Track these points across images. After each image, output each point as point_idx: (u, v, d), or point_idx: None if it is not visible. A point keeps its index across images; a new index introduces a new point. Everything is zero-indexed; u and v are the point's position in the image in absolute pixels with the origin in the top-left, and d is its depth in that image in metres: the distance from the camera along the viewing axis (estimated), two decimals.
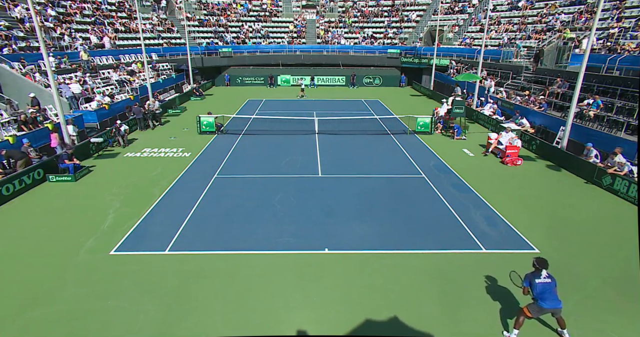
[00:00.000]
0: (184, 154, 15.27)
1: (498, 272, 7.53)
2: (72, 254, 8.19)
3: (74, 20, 25.98)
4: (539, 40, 23.96)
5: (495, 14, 31.61)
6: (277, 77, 35.66)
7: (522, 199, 11.07)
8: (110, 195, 11.28)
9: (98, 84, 21.29)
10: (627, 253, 8.27)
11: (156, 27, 33.42)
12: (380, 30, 39.60)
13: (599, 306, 6.63)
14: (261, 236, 8.93)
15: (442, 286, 7.15)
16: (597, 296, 6.90)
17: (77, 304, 6.64)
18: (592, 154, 12.67)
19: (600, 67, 16.74)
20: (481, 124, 20.40)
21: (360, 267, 7.74)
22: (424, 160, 14.47)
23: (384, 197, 11.07)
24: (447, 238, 8.86)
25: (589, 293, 6.97)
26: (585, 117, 15.33)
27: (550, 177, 12.90)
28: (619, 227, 9.44)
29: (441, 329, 6.11)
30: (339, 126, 19.09)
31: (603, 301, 6.76)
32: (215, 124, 18.50)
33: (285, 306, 6.63)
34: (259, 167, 13.70)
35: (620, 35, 18.89)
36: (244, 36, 38.43)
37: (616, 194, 11.22)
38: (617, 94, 15.22)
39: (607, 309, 6.56)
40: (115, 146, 16.28)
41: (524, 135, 16.12)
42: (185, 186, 12.00)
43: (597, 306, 6.65)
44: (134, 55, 27.92)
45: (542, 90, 19.36)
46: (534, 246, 8.46)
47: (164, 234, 8.98)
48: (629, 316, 6.39)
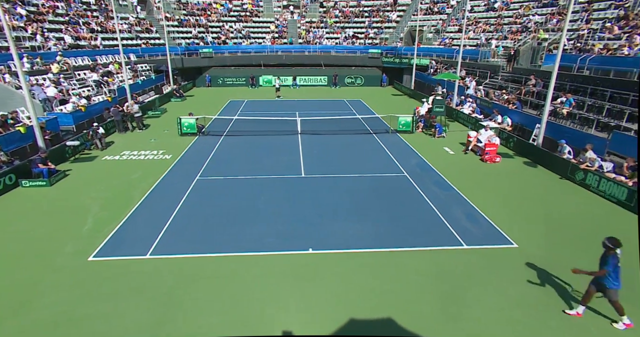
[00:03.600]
0: (164, 156, 15.01)
1: (479, 267, 7.72)
2: (49, 260, 7.93)
3: (46, 19, 25.13)
4: (515, 40, 24.64)
5: (472, 14, 32.33)
6: (259, 77, 35.45)
7: (501, 195, 11.37)
8: (89, 199, 10.99)
9: (73, 85, 20.67)
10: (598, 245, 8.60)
11: (134, 27, 32.68)
12: (361, 30, 39.89)
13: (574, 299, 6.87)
14: (245, 237, 8.87)
15: (425, 282, 7.27)
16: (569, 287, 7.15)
17: (56, 312, 6.44)
18: (566, 151, 13.13)
19: (571, 67, 17.36)
20: (461, 122, 20.84)
21: (344, 267, 7.79)
22: (406, 159, 14.68)
23: (367, 196, 11.17)
24: (430, 235, 9.01)
25: (565, 286, 7.22)
26: (559, 115, 15.88)
27: (528, 174, 13.30)
28: (593, 221, 9.82)
29: (429, 325, 6.22)
30: (321, 126, 19.14)
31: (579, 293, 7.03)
32: (197, 126, 18.25)
33: (272, 307, 6.61)
34: (241, 168, 13.59)
35: (589, 36, 19.65)
36: (224, 36, 38.03)
37: (588, 189, 11.67)
38: (587, 93, 15.83)
39: None
40: (93, 149, 15.85)
41: (502, 133, 16.56)
42: (166, 188, 11.80)
43: (573, 298, 6.89)
44: (111, 56, 27.23)
45: (518, 89, 19.94)
46: (513, 241, 8.71)
47: (145, 238, 8.81)
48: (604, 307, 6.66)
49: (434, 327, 6.19)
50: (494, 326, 6.19)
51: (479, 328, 6.16)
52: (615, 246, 5.74)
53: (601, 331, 6.15)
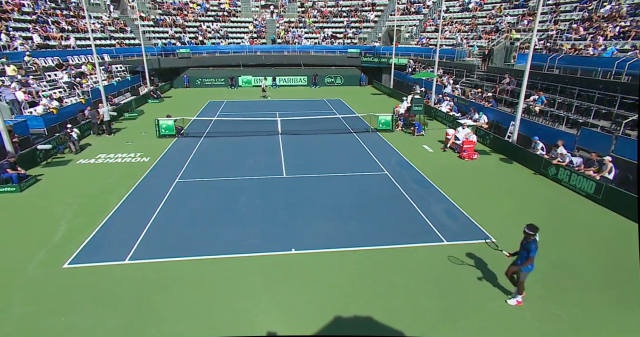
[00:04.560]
0: (142, 158, 14.66)
1: (459, 261, 7.92)
2: (19, 269, 7.62)
3: (11, 17, 24.05)
4: (489, 40, 25.35)
5: (448, 15, 33.03)
6: (238, 78, 35.10)
7: (478, 191, 11.68)
8: (62, 205, 10.61)
9: (43, 87, 19.88)
10: (571, 238, 8.99)
11: (107, 27, 31.73)
12: (339, 30, 40.10)
13: (547, 287, 7.15)
14: (226, 239, 8.79)
15: (407, 279, 7.40)
16: (545, 278, 7.42)
17: (26, 324, 6.20)
18: (539, 147, 13.61)
19: (542, 66, 18.01)
20: (439, 120, 21.26)
21: (327, 266, 7.83)
22: (386, 158, 14.87)
23: (348, 195, 11.26)
24: (411, 232, 9.17)
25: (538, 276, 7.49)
26: (532, 112, 16.44)
27: (504, 170, 13.71)
28: (564, 214, 10.24)
29: (409, 322, 6.32)
30: (302, 126, 19.14)
31: (550, 281, 7.30)
32: (175, 127, 17.91)
33: (254, 309, 6.58)
34: (222, 169, 13.44)
35: (557, 36, 20.45)
36: (202, 36, 37.44)
37: (560, 183, 12.14)
38: (557, 91, 16.46)
39: (554, 289, 7.10)
40: (67, 153, 15.31)
41: (478, 131, 17.01)
42: (144, 191, 11.53)
43: (546, 286, 7.17)
44: (83, 57, 26.34)
45: (493, 88, 20.52)
46: (491, 236, 8.97)
47: (123, 242, 8.59)
48: (573, 295, 6.95)
49: (419, 323, 6.30)
50: (473, 317, 6.37)
51: (458, 322, 6.33)
52: (535, 232, 6.16)
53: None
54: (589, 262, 8.03)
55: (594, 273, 7.65)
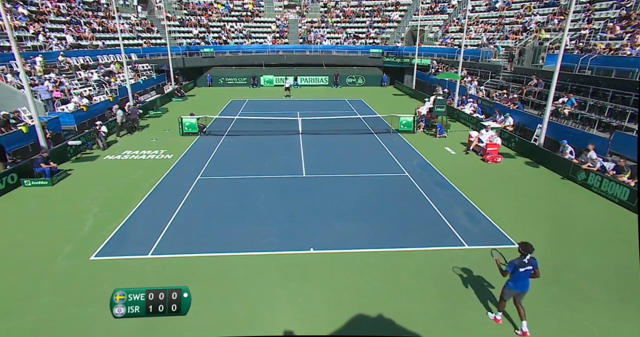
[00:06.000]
0: (166, 156, 15.02)
1: (480, 267, 7.71)
2: (49, 260, 7.95)
3: (48, 19, 25.17)
4: (516, 40, 24.60)
5: (474, 14, 32.28)
6: (260, 77, 35.46)
7: (502, 195, 11.35)
8: (90, 199, 11.00)
9: (75, 85, 20.71)
10: (600, 245, 8.60)
11: (135, 27, 32.72)
12: (362, 30, 39.87)
13: (574, 297, 6.87)
14: (245, 237, 8.87)
15: (425, 283, 7.27)
16: (573, 287, 7.14)
17: (54, 313, 6.45)
18: (567, 151, 13.10)
19: (573, 67, 17.32)
20: (462, 122, 20.80)
21: (346, 267, 7.78)
22: (407, 159, 14.66)
23: (368, 196, 11.16)
24: (431, 235, 9.00)
25: (566, 285, 7.21)
26: (561, 115, 15.84)
27: (529, 174, 13.27)
28: (594, 221, 9.80)
29: (427, 325, 6.21)
30: (322, 126, 19.14)
31: (578, 292, 7.01)
32: (198, 125, 18.27)
33: (270, 307, 6.62)
34: (242, 168, 13.60)
35: (590, 36, 19.60)
36: (225, 36, 38.05)
37: (590, 189, 11.63)
38: (589, 93, 15.78)
39: (581, 299, 6.81)
40: (95, 149, 15.88)
41: (503, 133, 16.53)
42: (167, 188, 11.81)
43: (573, 296, 6.89)
44: (112, 56, 27.27)
45: (519, 89, 19.90)
46: (514, 241, 8.68)
47: (146, 237, 8.81)
48: (602, 306, 6.65)
49: (434, 327, 6.18)
50: (492, 324, 6.19)
51: (477, 328, 6.16)
52: (525, 251, 5.72)
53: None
54: (621, 271, 7.65)
55: (626, 283, 7.29)
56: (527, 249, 5.73)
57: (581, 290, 7.06)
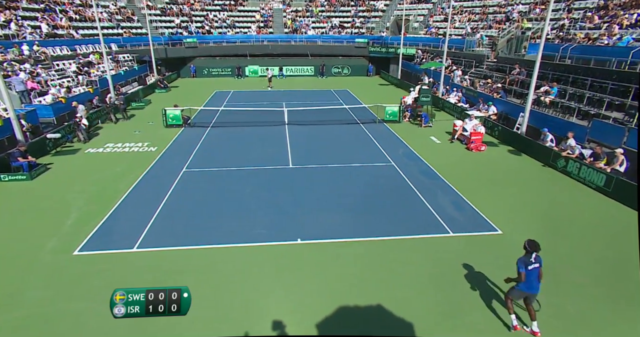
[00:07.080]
0: (149, 148, 14.76)
1: (464, 253, 7.91)
2: (32, 256, 7.79)
3: (20, 6, 24.10)
4: (499, 29, 24.84)
5: (458, 3, 32.36)
6: (245, 68, 34.95)
7: (486, 183, 11.59)
8: (72, 193, 10.77)
9: (52, 76, 20.01)
10: (578, 231, 8.92)
11: (114, 16, 31.67)
12: (347, 19, 39.57)
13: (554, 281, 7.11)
14: (233, 229, 8.86)
15: (414, 270, 7.40)
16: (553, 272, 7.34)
17: (42, 308, 6.36)
18: (548, 139, 13.42)
19: (554, 56, 17.63)
20: (447, 111, 21.02)
21: (335, 257, 7.86)
22: (393, 149, 14.78)
23: (354, 186, 11.25)
24: (417, 224, 9.16)
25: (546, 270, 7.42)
26: (542, 103, 16.17)
27: (512, 162, 13.57)
28: (572, 207, 10.13)
29: (417, 313, 6.35)
30: (308, 117, 19.07)
31: (558, 276, 7.25)
32: (182, 117, 17.96)
33: (262, 298, 6.65)
34: (228, 159, 13.49)
35: (571, 25, 19.94)
36: (209, 26, 37.21)
37: (569, 176, 11.99)
38: (569, 82, 16.13)
39: (559, 284, 7.07)
40: (76, 142, 15.47)
41: (487, 122, 16.80)
42: (152, 181, 11.64)
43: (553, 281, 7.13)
44: (91, 46, 26.40)
45: (502, 78, 20.18)
46: (498, 228, 8.92)
47: (131, 231, 8.71)
48: (585, 292, 6.90)
49: (432, 315, 6.34)
50: (482, 310, 6.39)
51: (466, 314, 6.35)
52: (531, 249, 5.58)
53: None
54: (598, 255, 7.96)
55: (603, 267, 7.60)
56: (533, 247, 5.58)
57: (561, 274, 7.32)
